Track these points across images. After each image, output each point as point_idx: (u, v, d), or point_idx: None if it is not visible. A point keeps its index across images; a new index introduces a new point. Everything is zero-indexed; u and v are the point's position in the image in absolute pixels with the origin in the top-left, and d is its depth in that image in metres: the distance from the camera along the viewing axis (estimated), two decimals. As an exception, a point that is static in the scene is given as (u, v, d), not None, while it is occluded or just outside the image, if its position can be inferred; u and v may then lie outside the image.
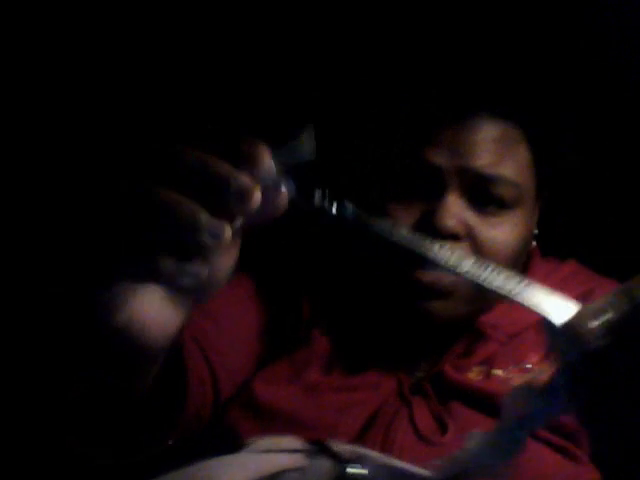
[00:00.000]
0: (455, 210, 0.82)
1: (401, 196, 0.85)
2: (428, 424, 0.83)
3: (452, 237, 0.82)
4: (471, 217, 0.84)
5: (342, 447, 0.69)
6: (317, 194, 0.56)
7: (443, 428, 0.82)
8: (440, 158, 0.83)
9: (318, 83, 1.13)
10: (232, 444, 0.73)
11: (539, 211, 0.91)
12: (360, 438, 0.83)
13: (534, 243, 0.93)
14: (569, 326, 0.50)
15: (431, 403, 0.84)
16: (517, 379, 0.84)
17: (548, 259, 0.97)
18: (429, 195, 0.84)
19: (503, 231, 0.84)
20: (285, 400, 0.86)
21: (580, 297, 0.83)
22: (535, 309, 0.53)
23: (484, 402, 0.83)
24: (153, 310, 0.52)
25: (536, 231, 0.92)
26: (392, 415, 0.84)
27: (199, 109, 1.11)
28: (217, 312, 0.86)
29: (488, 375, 0.85)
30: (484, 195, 0.84)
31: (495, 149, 0.83)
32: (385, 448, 0.81)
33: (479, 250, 0.83)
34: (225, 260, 0.54)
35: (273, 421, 0.85)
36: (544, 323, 0.52)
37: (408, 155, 0.85)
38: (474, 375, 0.85)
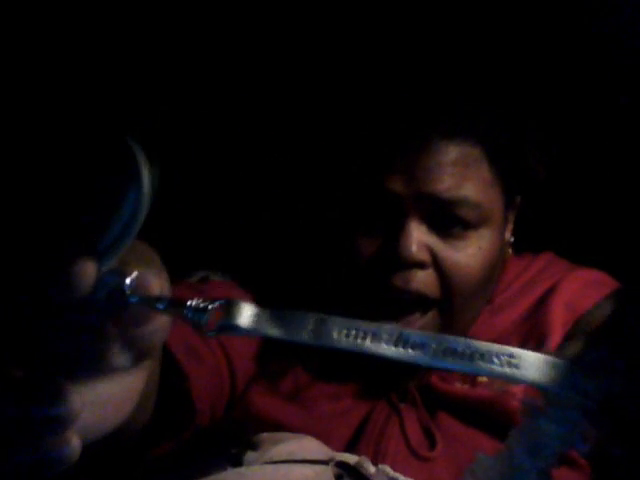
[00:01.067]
0: (417, 236, 0.81)
1: (361, 226, 0.84)
2: (418, 436, 0.84)
3: (417, 265, 0.81)
4: (435, 242, 0.82)
5: (371, 468, 0.71)
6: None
7: (431, 441, 0.83)
8: (397, 184, 0.81)
9: (274, 113, 1.11)
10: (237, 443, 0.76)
11: (514, 218, 0.91)
12: (351, 447, 0.84)
13: (510, 251, 0.93)
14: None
15: (420, 413, 0.86)
16: (498, 382, 0.84)
17: (522, 256, 0.96)
18: (390, 223, 0.82)
19: (469, 253, 0.83)
20: (274, 409, 0.87)
21: (544, 294, 0.89)
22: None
23: (471, 411, 0.84)
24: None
25: (512, 239, 0.92)
26: (383, 424, 0.85)
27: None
28: None
29: (473, 382, 0.86)
30: (446, 218, 0.82)
31: (454, 171, 0.82)
32: (377, 459, 0.81)
33: (445, 276, 0.82)
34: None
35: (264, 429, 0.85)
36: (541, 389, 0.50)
37: (365, 183, 0.83)
38: (460, 383, 0.87)
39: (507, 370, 0.47)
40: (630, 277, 0.90)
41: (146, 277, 0.44)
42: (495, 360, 0.46)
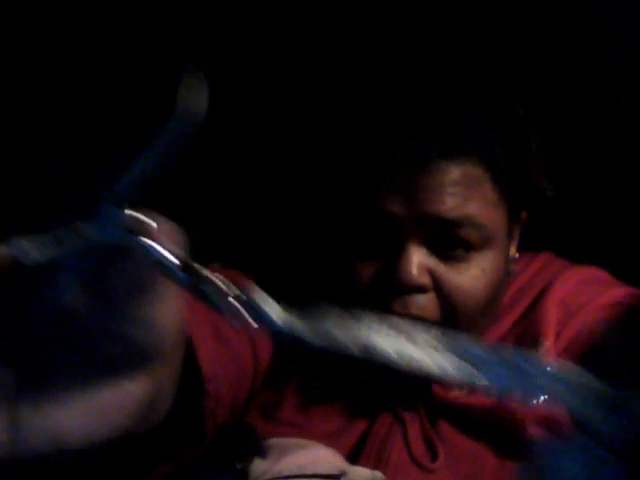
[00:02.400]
0: (418, 260, 0.78)
1: (359, 249, 0.81)
2: (420, 446, 0.83)
3: (418, 290, 0.78)
4: (436, 265, 0.79)
5: None
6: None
7: (433, 453, 0.82)
8: (396, 206, 0.78)
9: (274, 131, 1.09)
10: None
11: (519, 234, 0.88)
12: (353, 456, 0.82)
13: (513, 267, 0.89)
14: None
15: (422, 422, 0.84)
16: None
17: (521, 257, 0.92)
18: (389, 246, 0.79)
19: (472, 276, 0.80)
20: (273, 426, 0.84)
21: (538, 294, 0.87)
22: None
23: (472, 419, 0.82)
24: None
25: (517, 255, 0.89)
26: (385, 433, 0.84)
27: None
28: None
29: (473, 389, 0.83)
30: (448, 240, 0.79)
31: (456, 191, 0.78)
32: (378, 468, 0.80)
33: (447, 299, 0.79)
34: None
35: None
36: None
37: (362, 204, 0.80)
38: (460, 391, 0.84)
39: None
40: (631, 276, 0.90)
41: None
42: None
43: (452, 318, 0.80)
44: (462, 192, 0.78)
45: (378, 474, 0.73)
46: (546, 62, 1.05)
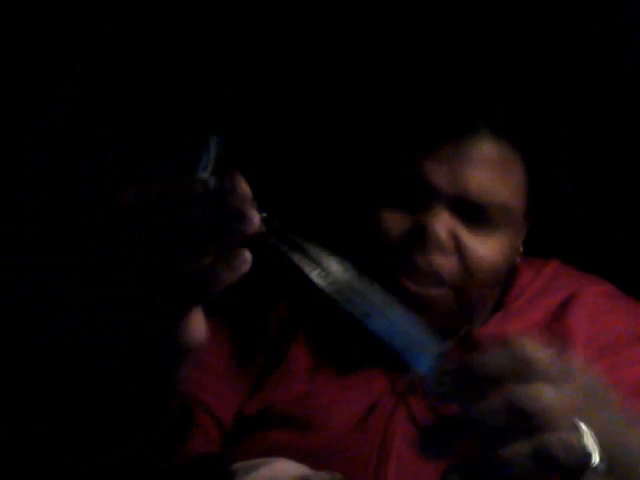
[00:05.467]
0: (446, 224, 0.85)
1: (394, 206, 0.87)
2: (424, 415, 0.86)
3: (440, 249, 0.85)
4: (461, 232, 0.86)
5: None
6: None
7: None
8: (437, 174, 0.85)
9: (318, 93, 1.16)
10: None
11: (527, 231, 0.94)
12: (357, 435, 0.87)
13: (518, 259, 0.95)
14: None
15: (429, 401, 0.87)
16: None
17: (531, 263, 0.99)
18: (423, 207, 0.86)
19: (490, 248, 0.87)
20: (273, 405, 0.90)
21: (564, 301, 0.93)
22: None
23: None
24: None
25: (521, 248, 0.95)
26: (390, 411, 0.88)
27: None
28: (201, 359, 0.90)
29: None
30: (476, 213, 0.86)
31: (491, 169, 0.86)
32: (385, 444, 0.86)
33: (466, 264, 0.86)
34: None
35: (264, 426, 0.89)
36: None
37: (405, 168, 0.87)
38: None
39: None
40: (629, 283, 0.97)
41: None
42: None
43: (466, 281, 0.87)
44: (497, 171, 0.86)
45: (338, 475, 0.77)
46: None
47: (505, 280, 0.95)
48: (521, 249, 0.95)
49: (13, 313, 1.02)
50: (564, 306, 0.93)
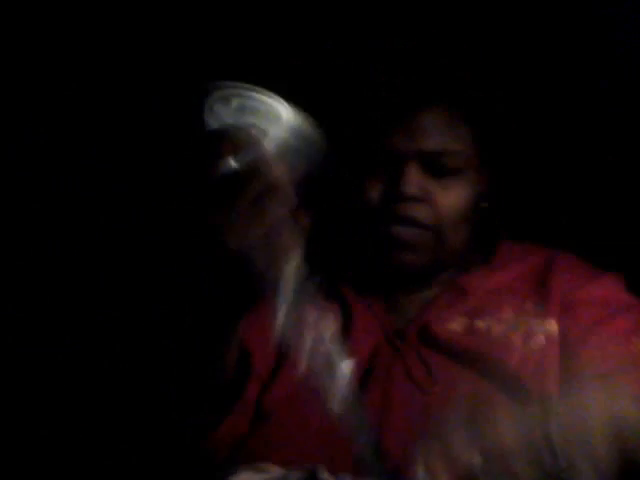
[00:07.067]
0: (415, 178, 1.02)
1: (371, 171, 1.04)
2: (420, 372, 0.94)
3: (414, 200, 1.01)
4: (428, 183, 1.02)
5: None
6: None
7: (432, 377, 0.93)
8: (400, 142, 1.02)
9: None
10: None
11: (487, 179, 1.07)
12: (361, 386, 0.90)
13: (486, 204, 1.08)
14: None
15: (419, 352, 0.96)
16: (496, 328, 0.96)
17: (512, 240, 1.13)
18: (393, 169, 1.03)
19: (454, 192, 1.03)
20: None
21: (544, 260, 1.04)
22: None
23: (465, 355, 0.94)
24: None
25: (485, 204, 1.07)
26: (388, 364, 0.95)
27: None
28: None
29: (470, 326, 0.97)
30: (437, 166, 1.02)
31: (442, 130, 1.03)
32: (385, 395, 0.92)
33: (436, 208, 1.02)
34: None
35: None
36: None
37: (374, 141, 1.04)
38: (456, 325, 0.97)
39: None
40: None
41: None
42: None
43: (439, 223, 1.02)
44: (447, 129, 1.03)
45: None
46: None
47: (489, 240, 1.08)
48: (485, 204, 1.07)
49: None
50: (547, 264, 1.05)
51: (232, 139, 0.70)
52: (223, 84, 0.70)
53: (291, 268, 0.71)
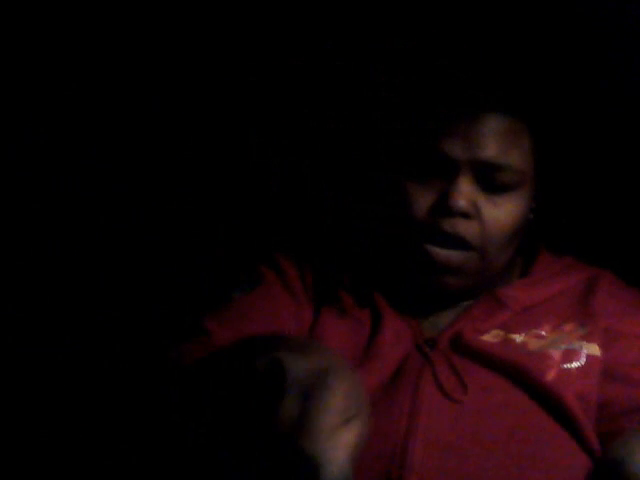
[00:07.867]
0: (467, 193, 0.95)
1: (420, 181, 0.98)
2: (450, 381, 0.91)
3: (463, 215, 0.95)
4: (479, 199, 0.96)
5: None
6: None
7: (463, 386, 0.91)
8: (455, 150, 0.96)
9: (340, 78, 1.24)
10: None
11: (536, 193, 1.02)
12: (390, 391, 0.91)
13: (531, 216, 1.03)
14: None
15: (450, 360, 0.93)
16: (532, 344, 0.94)
17: (551, 253, 1.09)
18: (444, 180, 0.97)
19: (505, 210, 0.97)
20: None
21: (586, 280, 1.02)
22: None
23: (500, 365, 0.92)
24: None
25: (534, 205, 1.03)
26: (418, 371, 0.93)
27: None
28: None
29: (505, 339, 0.95)
30: (491, 180, 0.96)
31: (502, 140, 0.97)
32: (414, 402, 0.90)
33: (484, 226, 0.96)
34: None
35: None
36: None
37: (427, 147, 0.98)
38: (491, 337, 0.95)
39: None
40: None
41: None
42: None
43: (486, 242, 0.96)
44: (507, 141, 0.97)
45: None
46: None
47: (527, 251, 1.05)
48: (534, 205, 1.02)
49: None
50: (590, 282, 1.02)
51: None
52: None
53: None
